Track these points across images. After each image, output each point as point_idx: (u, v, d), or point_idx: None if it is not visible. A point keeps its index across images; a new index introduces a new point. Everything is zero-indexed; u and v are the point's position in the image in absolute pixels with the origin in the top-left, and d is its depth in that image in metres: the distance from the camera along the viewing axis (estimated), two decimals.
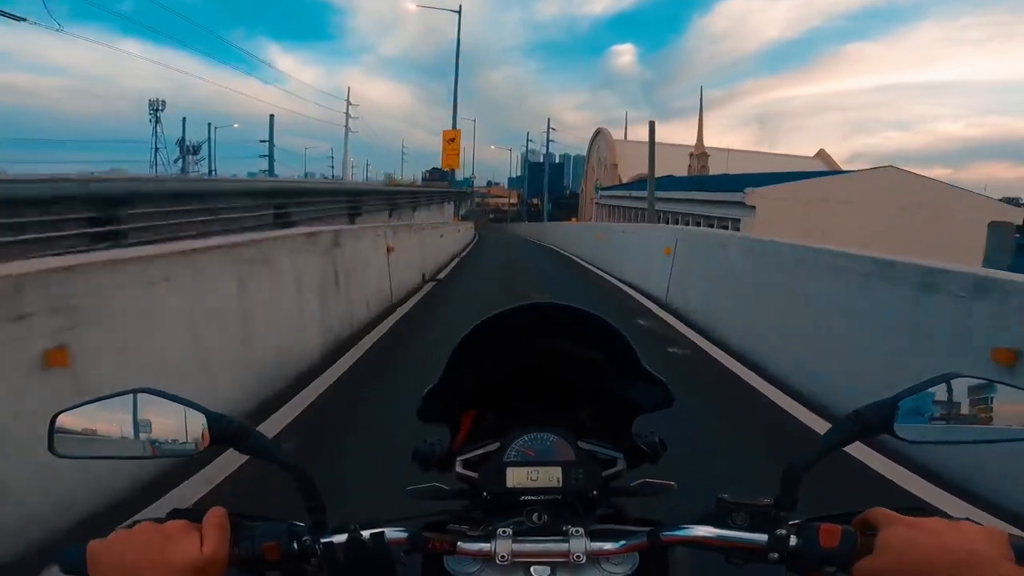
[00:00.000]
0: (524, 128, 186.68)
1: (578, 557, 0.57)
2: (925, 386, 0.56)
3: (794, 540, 0.56)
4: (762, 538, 0.56)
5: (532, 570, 0.59)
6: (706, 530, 0.58)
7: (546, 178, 55.68)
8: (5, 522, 1.90)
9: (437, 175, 39.92)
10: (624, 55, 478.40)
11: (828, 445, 0.58)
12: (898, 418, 0.56)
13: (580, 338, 0.70)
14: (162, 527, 0.53)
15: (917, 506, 0.54)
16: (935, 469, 2.78)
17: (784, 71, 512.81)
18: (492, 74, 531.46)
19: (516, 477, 0.66)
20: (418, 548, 0.60)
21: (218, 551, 0.53)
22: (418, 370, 2.93)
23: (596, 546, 0.58)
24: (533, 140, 76.16)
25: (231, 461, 2.53)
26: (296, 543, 0.58)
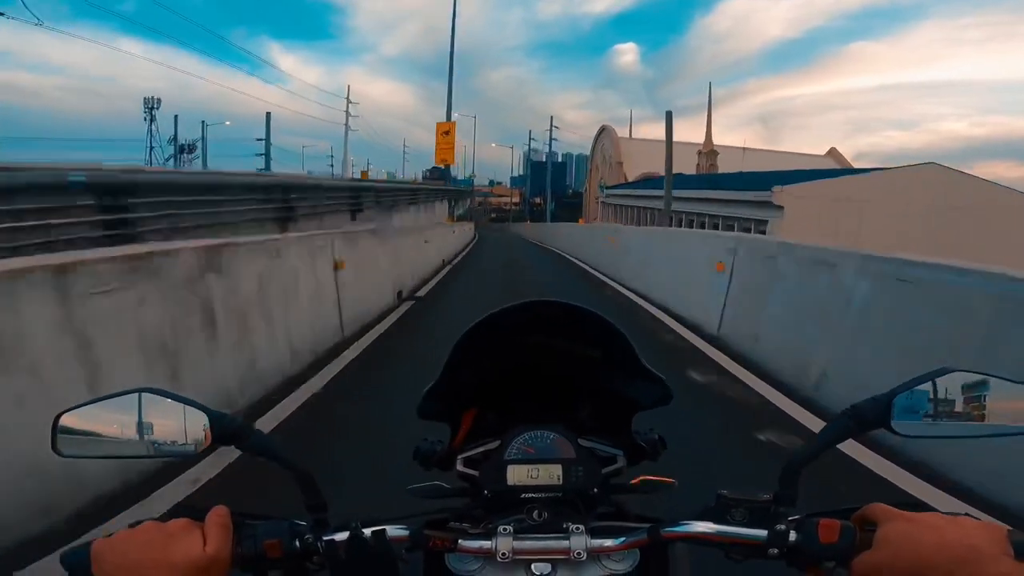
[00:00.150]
0: (526, 127, 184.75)
1: (579, 554, 0.58)
2: (920, 381, 0.56)
3: (793, 536, 0.56)
4: (762, 534, 0.57)
5: (533, 567, 0.59)
6: (706, 526, 0.59)
7: (548, 176, 53.47)
8: None
9: (437, 174, 38.39)
10: (626, 54, 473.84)
11: (825, 441, 0.58)
12: (894, 414, 0.56)
13: (578, 336, 0.70)
14: (165, 526, 0.54)
15: (915, 502, 0.54)
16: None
17: (786, 70, 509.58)
18: (494, 74, 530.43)
19: (517, 475, 0.66)
20: (419, 546, 0.60)
21: (221, 550, 0.53)
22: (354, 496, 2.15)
23: (596, 543, 0.59)
24: (536, 139, 74.32)
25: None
26: (298, 541, 0.58)
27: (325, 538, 0.58)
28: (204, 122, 46.08)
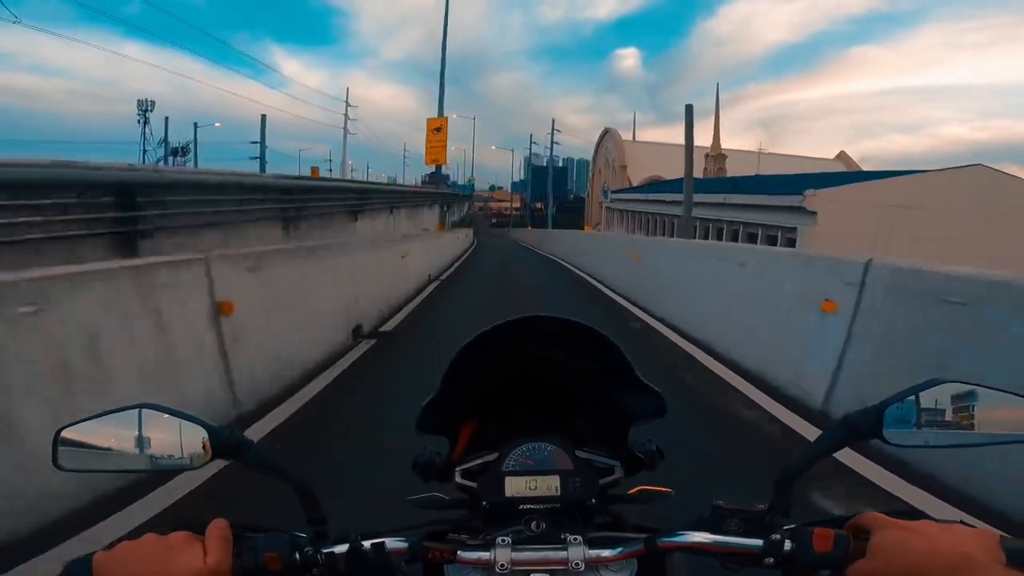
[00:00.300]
0: (527, 132, 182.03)
1: (577, 564, 0.58)
2: (911, 392, 0.57)
3: (788, 545, 0.56)
4: (757, 543, 0.57)
5: None
6: (702, 536, 0.59)
7: (550, 180, 51.48)
8: None
9: (437, 178, 36.54)
10: (628, 59, 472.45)
11: (819, 451, 0.59)
12: (886, 424, 0.57)
13: (575, 349, 0.71)
14: (166, 539, 0.54)
15: (909, 510, 0.55)
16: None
17: (788, 75, 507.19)
18: (496, 78, 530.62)
19: (515, 486, 0.67)
20: (418, 557, 0.60)
21: (221, 562, 0.54)
22: None
23: (594, 553, 0.59)
24: (537, 142, 72.55)
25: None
26: (298, 554, 0.58)
27: (325, 550, 0.59)
28: (196, 124, 44.13)
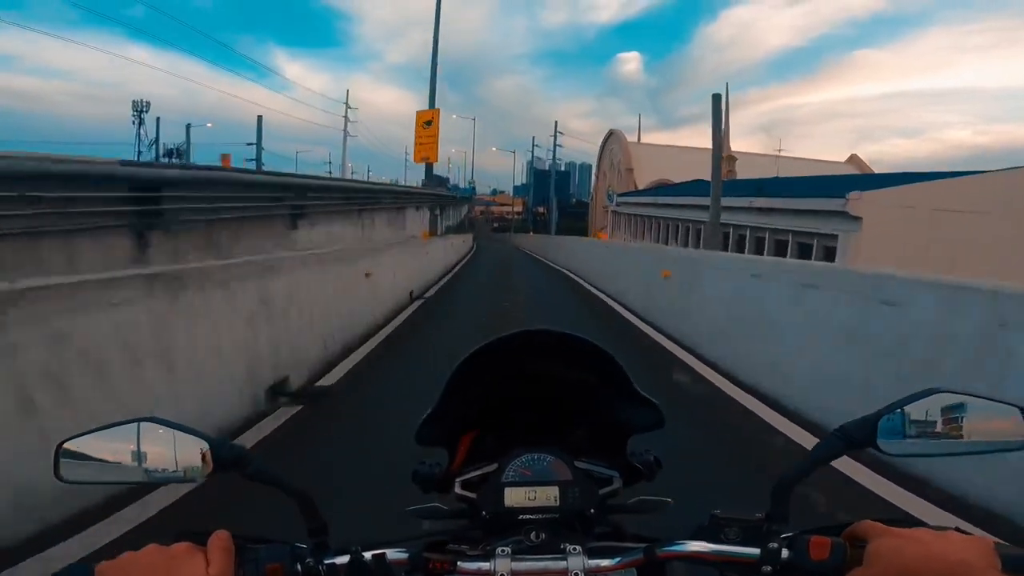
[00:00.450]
0: (530, 135, 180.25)
1: (576, 574, 0.58)
2: (905, 402, 0.58)
3: (786, 553, 0.57)
4: (755, 552, 0.58)
5: None
6: (700, 545, 0.60)
7: (552, 184, 49.47)
8: None
9: (436, 181, 34.25)
10: (630, 63, 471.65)
11: (815, 460, 0.60)
12: (880, 433, 0.58)
13: (574, 361, 0.72)
14: (168, 550, 0.54)
15: (905, 517, 0.56)
16: None
17: (790, 79, 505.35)
18: (499, 82, 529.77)
19: (514, 497, 0.67)
20: (419, 568, 0.61)
21: (223, 573, 0.54)
22: None
23: (593, 563, 0.59)
24: (540, 146, 70.51)
25: None
26: (299, 565, 0.59)
27: (326, 561, 0.59)
28: (189, 125, 42.65)
